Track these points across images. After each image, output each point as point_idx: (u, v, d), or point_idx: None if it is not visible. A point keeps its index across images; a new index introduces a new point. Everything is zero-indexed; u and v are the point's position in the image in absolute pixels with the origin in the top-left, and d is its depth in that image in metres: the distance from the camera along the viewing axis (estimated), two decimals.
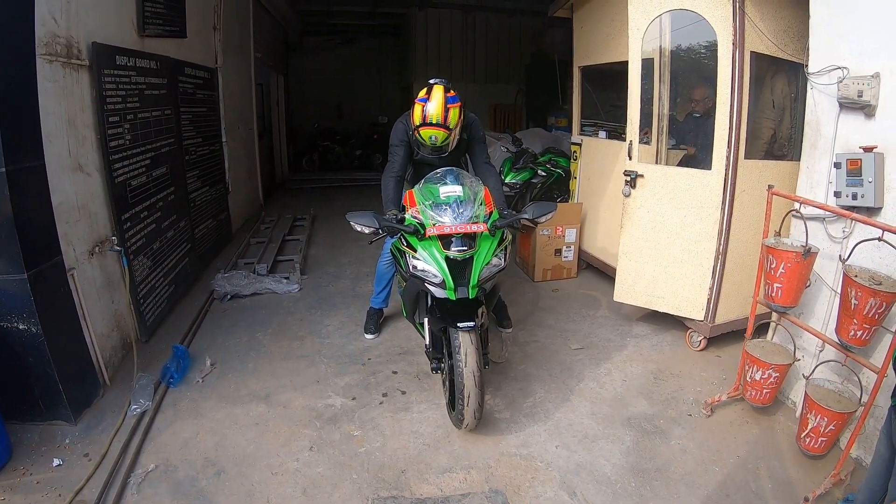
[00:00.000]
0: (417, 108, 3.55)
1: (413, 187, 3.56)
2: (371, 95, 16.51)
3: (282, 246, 7.09)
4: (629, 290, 4.51)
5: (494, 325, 4.65)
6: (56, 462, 3.11)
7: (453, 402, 3.25)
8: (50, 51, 3.39)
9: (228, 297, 5.41)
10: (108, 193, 4.02)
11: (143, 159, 4.54)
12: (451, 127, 3.56)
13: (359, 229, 3.15)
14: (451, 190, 3.29)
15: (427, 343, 3.46)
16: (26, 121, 3.14)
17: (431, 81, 3.62)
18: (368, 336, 4.66)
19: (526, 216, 3.29)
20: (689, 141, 4.39)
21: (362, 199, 3.52)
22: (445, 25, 12.55)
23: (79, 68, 3.73)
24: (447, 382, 3.37)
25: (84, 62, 3.78)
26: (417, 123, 3.56)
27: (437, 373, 3.48)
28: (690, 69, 4.29)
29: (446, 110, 3.51)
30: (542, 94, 11.17)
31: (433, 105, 3.51)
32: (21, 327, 3.15)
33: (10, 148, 2.94)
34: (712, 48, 3.89)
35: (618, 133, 5.36)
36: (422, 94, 3.59)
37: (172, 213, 5.17)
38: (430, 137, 3.56)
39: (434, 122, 3.51)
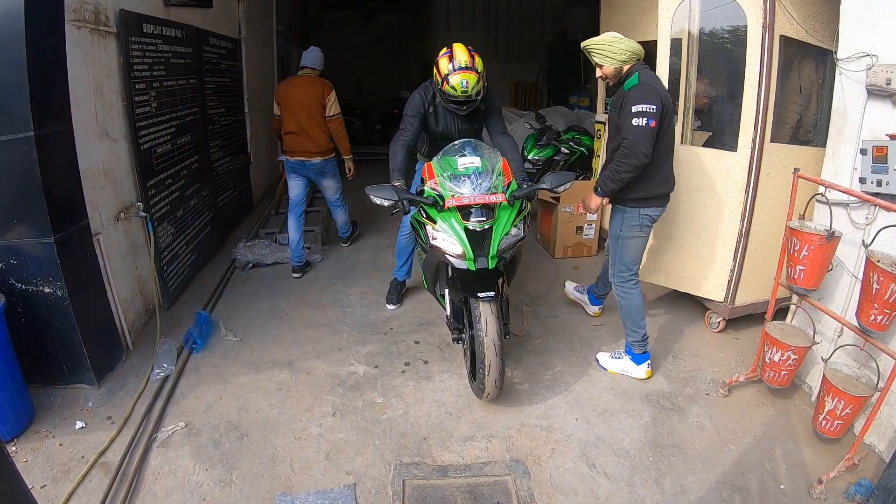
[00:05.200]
0: (443, 61, 3.60)
1: (431, 160, 3.56)
2: (390, 71, 16.42)
3: None
4: (650, 268, 4.51)
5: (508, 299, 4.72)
6: (79, 425, 3.17)
7: (474, 373, 3.29)
8: (78, 17, 3.41)
9: (250, 265, 5.48)
10: (134, 160, 4.07)
11: (168, 127, 4.58)
12: (479, 71, 3.59)
13: (378, 202, 3.15)
14: (469, 161, 3.28)
15: (448, 314, 3.49)
16: (55, 86, 3.16)
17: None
18: (390, 307, 4.71)
19: (544, 186, 3.29)
20: (713, 123, 4.37)
21: (380, 173, 3.53)
22: (467, 2, 12.44)
23: (106, 35, 3.75)
24: (468, 353, 3.41)
25: (111, 29, 3.80)
26: (446, 73, 3.57)
27: (458, 343, 3.51)
28: (718, 51, 4.25)
29: (472, 56, 3.58)
30: (563, 73, 11.03)
31: (459, 53, 3.58)
32: (47, 290, 3.20)
33: (40, 112, 2.97)
34: (741, 31, 3.84)
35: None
36: (442, 51, 3.66)
37: (196, 181, 5.22)
38: (462, 83, 3.55)
39: (464, 65, 3.54)
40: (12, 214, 3.06)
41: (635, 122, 3.18)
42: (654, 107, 3.16)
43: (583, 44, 3.48)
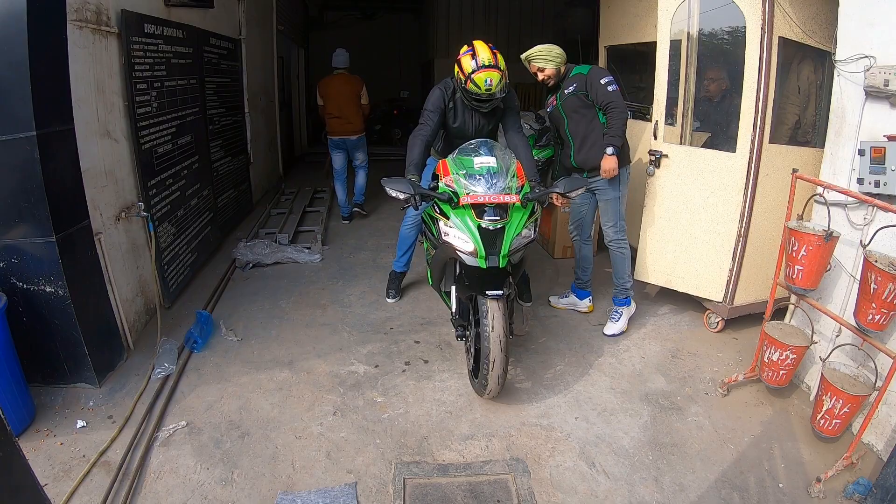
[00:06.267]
0: (466, 59, 3.60)
1: (446, 158, 3.57)
2: (390, 71, 16.40)
3: (302, 217, 7.17)
4: (649, 268, 4.52)
5: (515, 300, 4.71)
6: (80, 424, 3.17)
7: (476, 371, 3.30)
8: (80, 17, 3.42)
9: (250, 265, 5.47)
10: (135, 160, 4.07)
11: (168, 127, 4.59)
12: (502, 69, 3.61)
13: (394, 195, 3.18)
14: (484, 161, 3.31)
15: (453, 311, 3.51)
16: (57, 85, 3.16)
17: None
18: (389, 300, 4.76)
19: (557, 190, 3.33)
20: (712, 123, 4.38)
21: (381, 173, 3.55)
22: (467, 2, 12.44)
23: (108, 35, 3.76)
24: (471, 350, 3.41)
25: (113, 29, 3.80)
26: (470, 71, 3.57)
27: (461, 340, 3.52)
28: (717, 52, 4.27)
29: (494, 55, 3.58)
30: None
31: (482, 51, 3.58)
32: (48, 290, 3.20)
33: (41, 112, 2.97)
34: (740, 32, 3.85)
35: (642, 113, 5.33)
36: (464, 49, 3.66)
37: (196, 181, 5.23)
38: (486, 81, 3.55)
39: (488, 63, 3.54)
40: (14, 213, 3.06)
41: (610, 88, 3.89)
42: (613, 77, 3.96)
43: (523, 55, 4.09)
